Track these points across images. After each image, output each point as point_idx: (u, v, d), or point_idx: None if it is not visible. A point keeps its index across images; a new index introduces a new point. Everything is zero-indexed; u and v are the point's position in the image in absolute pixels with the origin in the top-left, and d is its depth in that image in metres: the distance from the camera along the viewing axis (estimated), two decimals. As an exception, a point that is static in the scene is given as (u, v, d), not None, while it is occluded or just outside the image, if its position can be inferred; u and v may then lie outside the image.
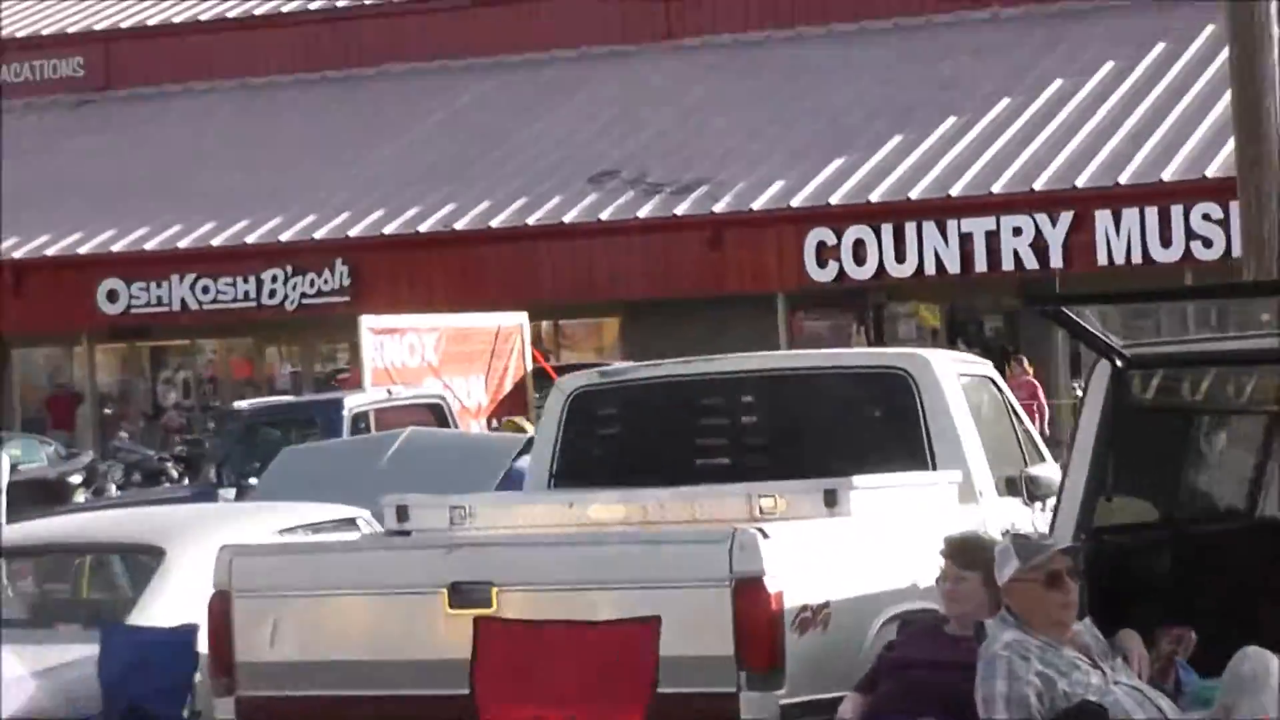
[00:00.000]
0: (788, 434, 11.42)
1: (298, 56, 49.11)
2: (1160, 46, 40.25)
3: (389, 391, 25.19)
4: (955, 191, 37.42)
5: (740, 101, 43.31)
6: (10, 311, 42.96)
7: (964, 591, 8.66)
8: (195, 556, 11.01)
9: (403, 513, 10.26)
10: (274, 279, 41.39)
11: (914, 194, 37.64)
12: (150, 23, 51.88)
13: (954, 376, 11.25)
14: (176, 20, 51.54)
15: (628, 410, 11.53)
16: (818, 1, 45.29)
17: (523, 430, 19.96)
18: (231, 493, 22.10)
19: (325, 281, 41.10)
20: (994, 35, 43.10)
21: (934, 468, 10.75)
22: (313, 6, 50.73)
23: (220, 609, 9.38)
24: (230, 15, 51.05)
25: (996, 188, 37.19)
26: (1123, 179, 35.99)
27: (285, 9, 50.95)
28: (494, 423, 26.89)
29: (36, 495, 30.68)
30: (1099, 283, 36.80)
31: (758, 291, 38.55)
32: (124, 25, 51.96)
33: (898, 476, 10.39)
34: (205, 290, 41.77)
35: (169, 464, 34.02)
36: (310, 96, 48.03)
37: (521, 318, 29.57)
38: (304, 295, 41.28)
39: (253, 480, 22.20)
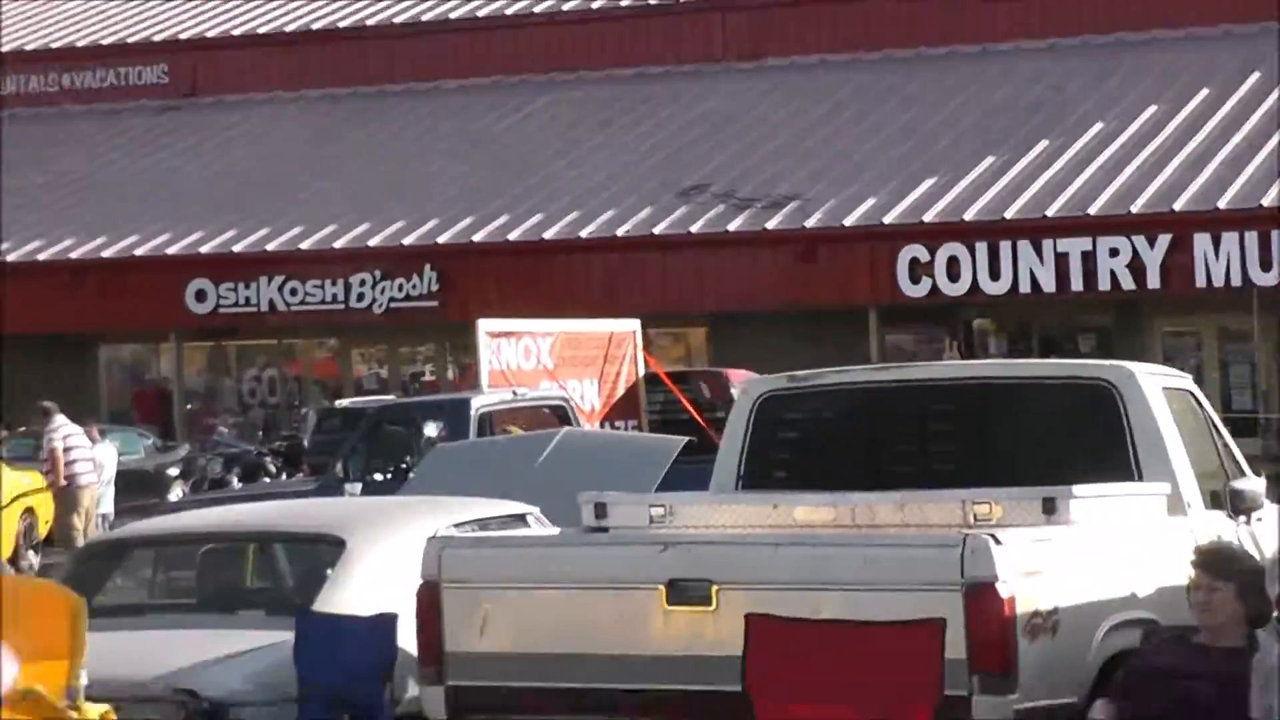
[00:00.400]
0: (983, 444, 11.29)
1: (383, 67, 49.60)
2: (1256, 75, 40.47)
3: (514, 393, 25.29)
4: (1051, 212, 37.44)
5: (829, 121, 43.62)
6: (99, 309, 43.26)
7: (1217, 602, 8.54)
8: (374, 548, 11.19)
9: (600, 509, 10.28)
10: (362, 283, 41.51)
11: (1009, 214, 37.69)
12: (235, 33, 52.47)
13: (1158, 388, 11.08)
14: (261, 31, 52.12)
15: (816, 415, 11.46)
16: (905, 26, 45.48)
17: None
18: (357, 488, 22.09)
19: (414, 286, 41.19)
20: (1082, 62, 43.39)
21: (1140, 479, 10.60)
22: (398, 20, 51.09)
23: (429, 599, 9.34)
24: (315, 28, 51.55)
25: (1093, 209, 37.19)
26: (1222, 203, 35.96)
27: (370, 22, 51.28)
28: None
29: (135, 486, 31.04)
30: (1195, 305, 37.23)
31: (849, 305, 38.63)
32: (210, 35, 52.52)
33: (1112, 486, 10.25)
34: (293, 292, 41.98)
35: (267, 458, 34.41)
36: (398, 106, 48.39)
37: (634, 324, 29.66)
38: (392, 299, 41.38)
39: (377, 476, 22.73)
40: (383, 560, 11.17)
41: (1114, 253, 36.64)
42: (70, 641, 8.04)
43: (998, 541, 8.74)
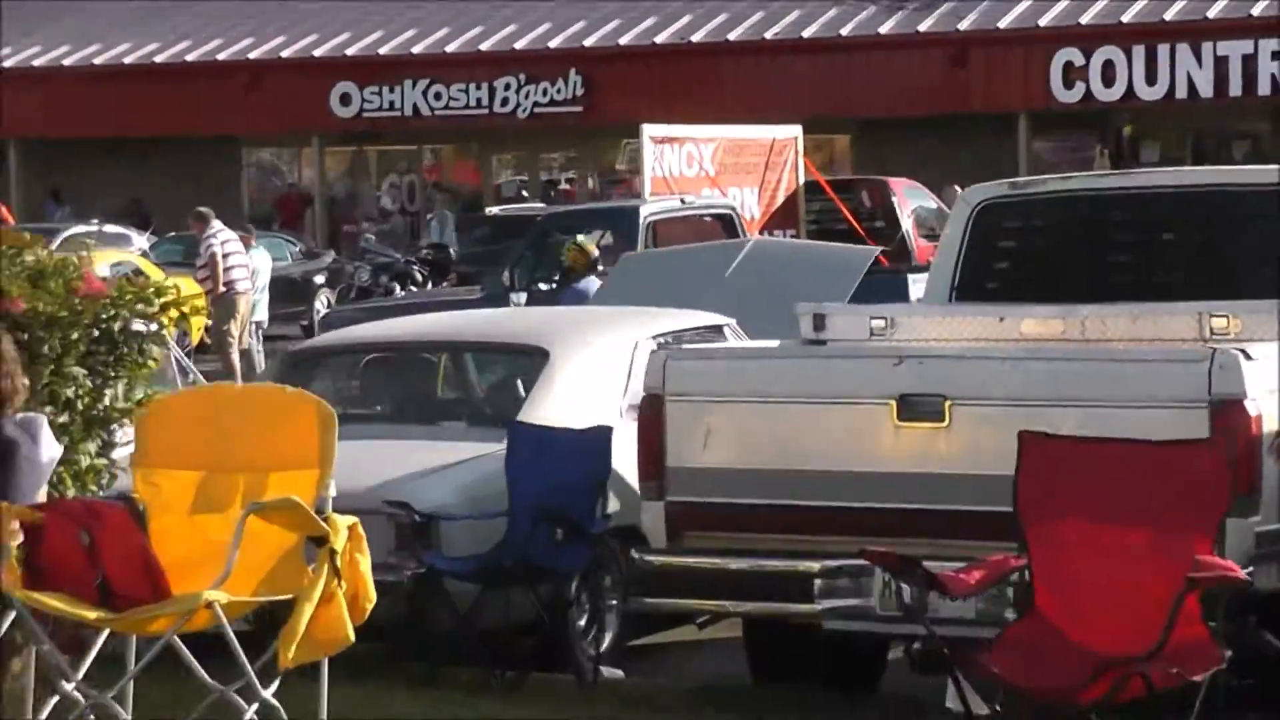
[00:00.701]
0: (1212, 253, 10.74)
1: None
2: None
3: (682, 200, 25.07)
4: (1212, 14, 37.21)
5: None
6: (243, 112, 43.70)
7: None
8: (577, 358, 11.16)
9: (819, 321, 9.97)
10: (506, 86, 41.80)
11: (1168, 15, 37.45)
12: None
13: None
14: None
15: (1036, 223, 10.92)
16: None
17: (587, 252, 19.94)
18: (522, 297, 22.01)
19: (558, 90, 41.49)
20: None
21: None
22: None
23: (652, 413, 9.05)
24: None
25: (1256, 10, 36.86)
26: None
27: None
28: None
29: (282, 294, 31.16)
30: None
31: (999, 111, 38.65)
32: None
33: None
34: (438, 96, 42.34)
35: (415, 266, 34.53)
36: None
37: (796, 131, 29.38)
38: (535, 104, 41.75)
39: (542, 285, 22.41)
40: (584, 371, 11.13)
41: (1276, 56, 36.37)
42: (320, 451, 8.00)
43: (1248, 357, 8.33)
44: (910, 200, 34.00)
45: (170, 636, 7.45)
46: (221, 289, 25.76)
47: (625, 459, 9.82)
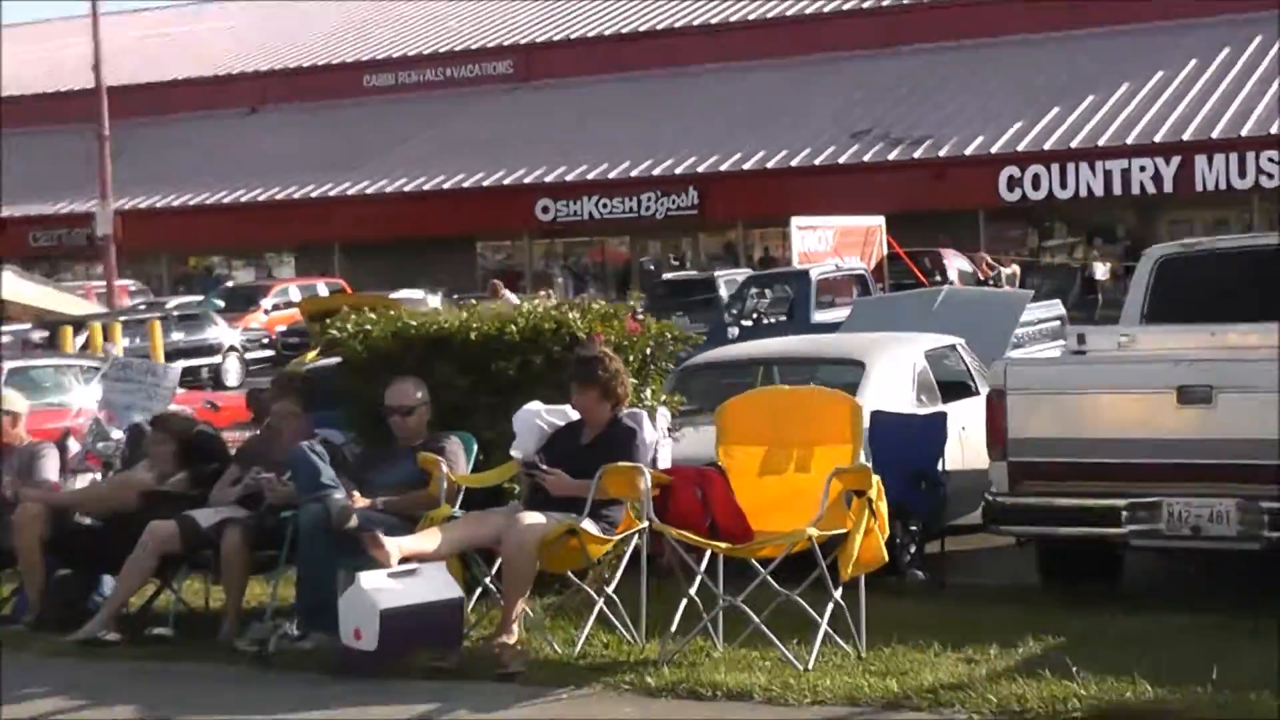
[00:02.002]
0: None
1: (666, 57, 50.40)
2: None
3: (836, 265, 24.73)
4: (1101, 142, 38.60)
5: (948, 83, 44.39)
6: (473, 220, 45.05)
7: None
8: (883, 367, 10.73)
9: (1081, 339, 9.49)
10: (648, 198, 43.49)
11: (1073, 144, 38.81)
12: (558, 37, 53.86)
13: None
14: (590, 34, 53.36)
15: (1206, 273, 10.40)
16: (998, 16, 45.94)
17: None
18: (735, 331, 21.10)
19: (681, 200, 43.12)
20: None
21: None
22: (677, 25, 51.88)
23: (997, 402, 8.74)
24: (607, 33, 53.31)
25: (1129, 139, 38.41)
26: None
27: (659, 26, 52.36)
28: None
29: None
30: None
31: (966, 207, 39.85)
32: (539, 40, 54.13)
33: None
34: (604, 205, 44.08)
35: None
36: (666, 86, 49.36)
37: (880, 220, 29.83)
38: (667, 209, 43.33)
39: (745, 323, 21.85)
40: (889, 376, 10.66)
41: (1142, 169, 37.82)
42: (852, 432, 7.77)
43: None
44: (954, 262, 33.82)
45: (779, 559, 7.19)
46: None
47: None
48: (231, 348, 32.77)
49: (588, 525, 7.53)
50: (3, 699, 7.17)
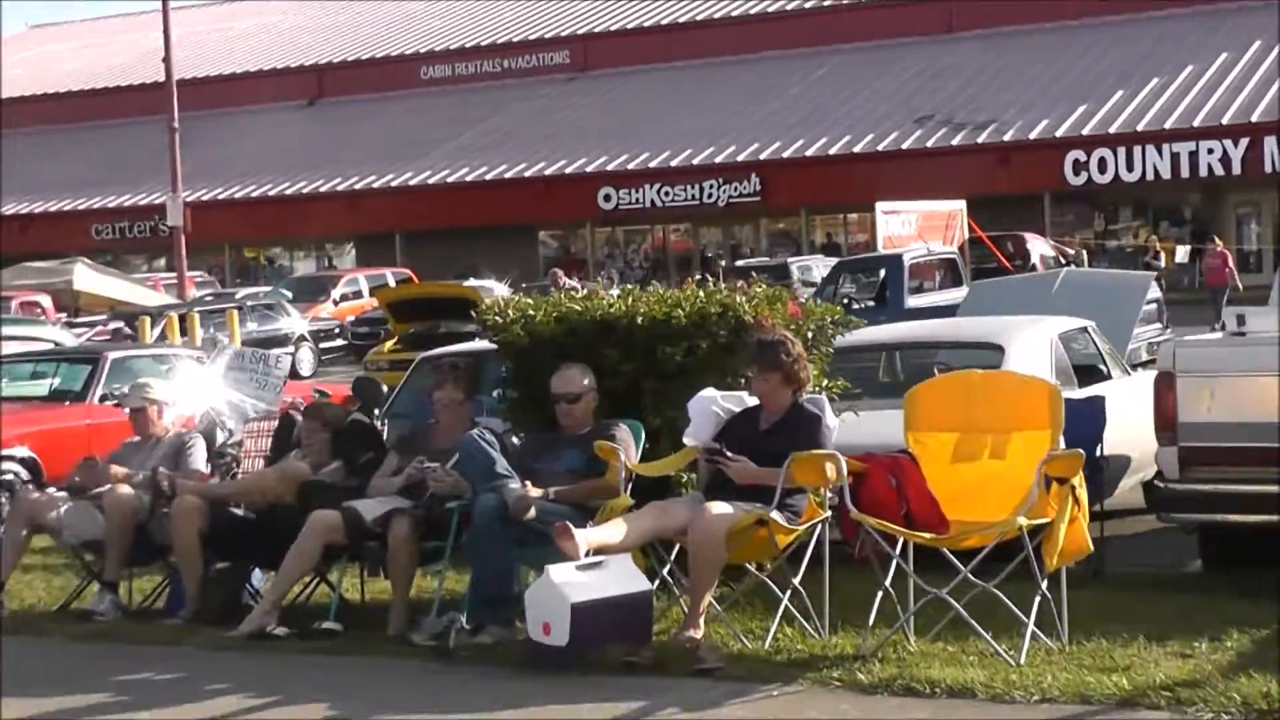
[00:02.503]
0: None
1: (714, 47, 50.55)
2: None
3: (928, 250, 24.63)
4: (1168, 125, 38.26)
5: (1010, 68, 44.26)
6: (535, 208, 44.90)
7: None
8: (1021, 350, 10.33)
9: (1240, 320, 8.98)
10: (710, 185, 43.19)
11: (1140, 126, 38.48)
12: (614, 27, 53.74)
13: None
14: (646, 24, 53.22)
15: None
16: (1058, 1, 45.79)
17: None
18: None
19: (745, 186, 42.86)
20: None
21: None
22: (734, 14, 51.90)
23: (1166, 385, 8.44)
24: (680, 19, 52.97)
25: (1196, 121, 37.95)
26: None
27: (716, 15, 52.21)
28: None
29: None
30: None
31: (1027, 192, 39.54)
32: (596, 30, 53.94)
33: None
34: (666, 193, 43.87)
35: None
36: (723, 74, 49.16)
37: (961, 204, 29.47)
38: (729, 197, 43.06)
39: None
40: (1026, 357, 10.24)
41: (1210, 151, 37.43)
42: (1051, 417, 7.35)
43: None
44: (1036, 246, 33.66)
45: (986, 550, 6.85)
46: None
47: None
48: (302, 337, 32.50)
49: (775, 515, 7.26)
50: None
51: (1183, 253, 31.43)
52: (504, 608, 7.53)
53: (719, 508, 7.21)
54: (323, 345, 32.94)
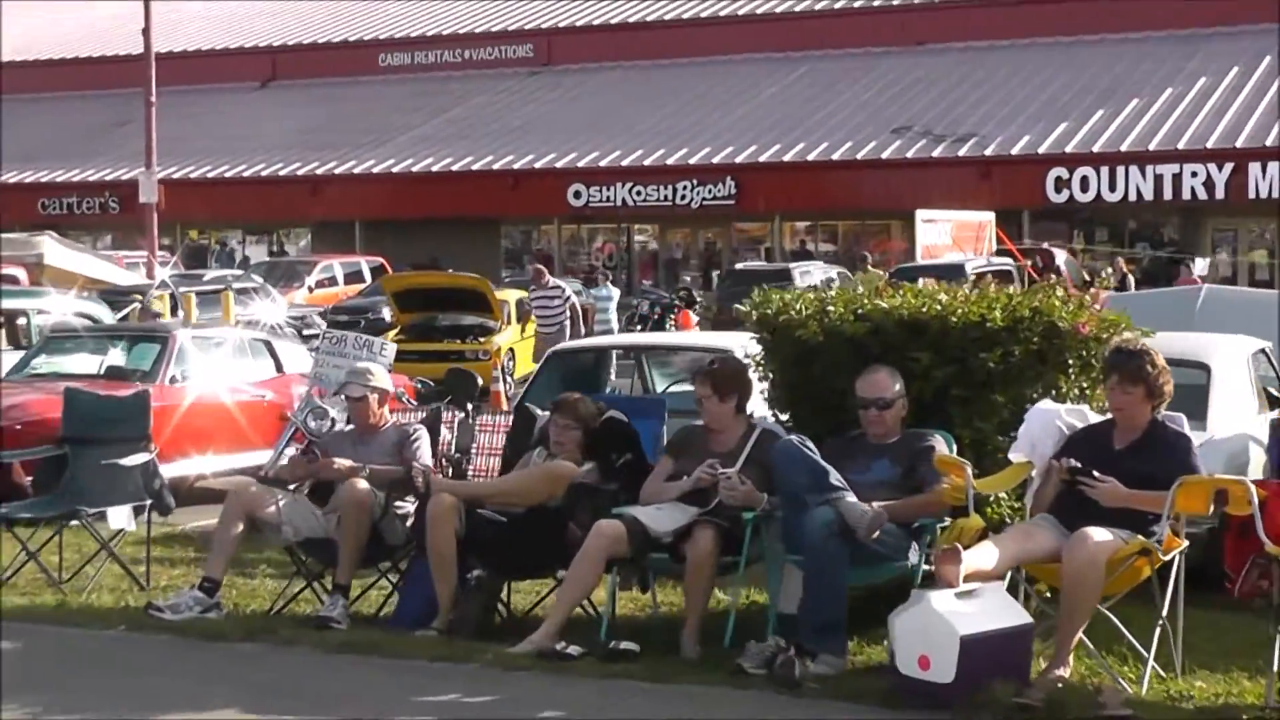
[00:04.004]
0: None
1: (680, 48, 49.55)
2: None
3: (988, 260, 24.29)
4: (1152, 146, 37.91)
5: (984, 82, 43.61)
6: (500, 201, 43.73)
7: None
8: (1227, 370, 10.01)
9: None
10: (684, 186, 42.29)
11: (1123, 147, 38.06)
12: (579, 23, 52.73)
13: None
14: (613, 21, 52.22)
15: None
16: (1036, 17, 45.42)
17: None
18: None
19: (719, 189, 41.94)
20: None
21: None
22: (687, 15, 50.96)
23: None
24: (631, 20, 51.99)
25: (1180, 144, 37.60)
26: None
27: (667, 16, 51.28)
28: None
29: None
30: None
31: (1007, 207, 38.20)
32: (561, 25, 52.88)
33: None
34: (638, 193, 42.74)
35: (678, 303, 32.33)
36: (691, 74, 48.16)
37: (990, 215, 28.97)
38: (703, 199, 42.10)
39: None
40: (1231, 379, 10.01)
41: (1194, 174, 36.83)
42: None
43: None
44: (1060, 258, 32.59)
45: None
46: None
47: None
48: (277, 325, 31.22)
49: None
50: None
51: (1202, 265, 30.85)
52: (838, 635, 6.87)
53: (1098, 534, 6.57)
54: (309, 333, 31.64)
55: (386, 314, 31.04)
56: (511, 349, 25.59)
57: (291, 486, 8.32)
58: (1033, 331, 7.66)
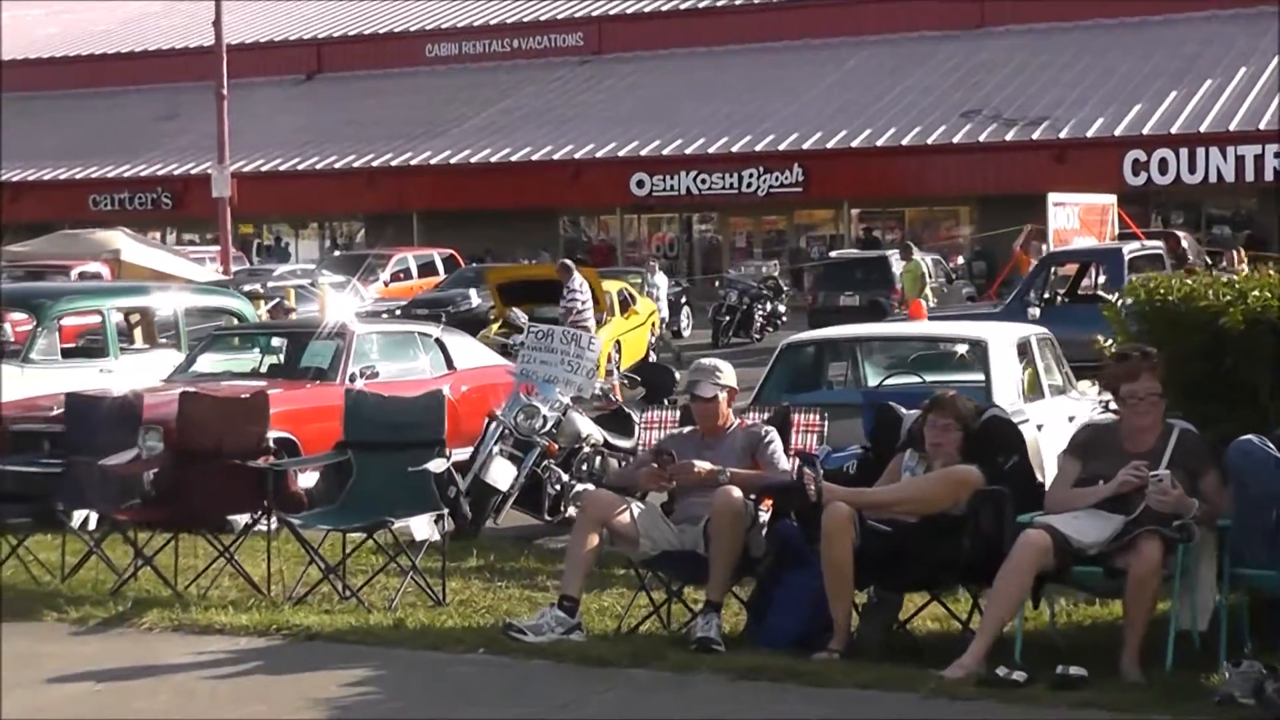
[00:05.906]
0: None
1: (736, 34, 48.83)
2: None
3: (1142, 245, 23.59)
4: (1232, 126, 37.21)
5: (1050, 65, 42.98)
6: (562, 191, 43.22)
7: None
8: None
9: None
10: (750, 174, 41.66)
11: (1202, 128, 37.49)
12: (630, 11, 52.11)
13: None
14: (664, 9, 51.54)
15: None
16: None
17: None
18: (1036, 311, 19.32)
19: (786, 177, 41.35)
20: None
21: None
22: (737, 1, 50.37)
23: None
24: (682, 7, 51.15)
25: (1261, 124, 36.91)
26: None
27: (720, 4, 50.52)
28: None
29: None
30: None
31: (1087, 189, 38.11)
32: (612, 13, 52.18)
33: None
34: (703, 181, 42.04)
35: (767, 292, 31.83)
36: (753, 60, 47.68)
37: (1112, 199, 28.38)
38: (770, 187, 41.54)
39: (1036, 308, 19.76)
40: None
41: (1276, 155, 36.12)
42: None
43: None
44: (1187, 243, 31.42)
45: None
46: None
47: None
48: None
49: None
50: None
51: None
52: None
53: None
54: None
55: (469, 304, 30.57)
56: (618, 340, 25.16)
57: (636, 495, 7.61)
58: None
